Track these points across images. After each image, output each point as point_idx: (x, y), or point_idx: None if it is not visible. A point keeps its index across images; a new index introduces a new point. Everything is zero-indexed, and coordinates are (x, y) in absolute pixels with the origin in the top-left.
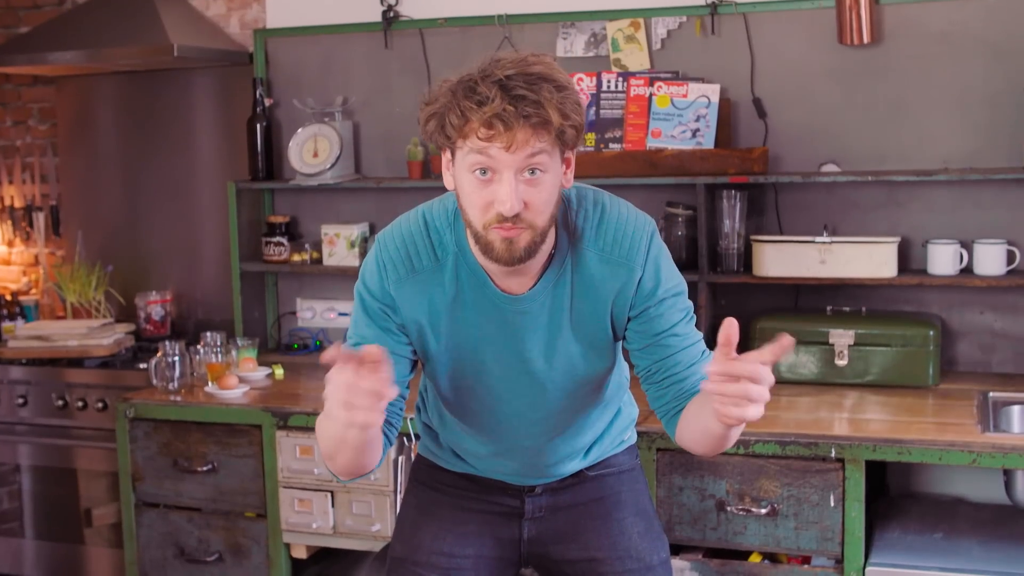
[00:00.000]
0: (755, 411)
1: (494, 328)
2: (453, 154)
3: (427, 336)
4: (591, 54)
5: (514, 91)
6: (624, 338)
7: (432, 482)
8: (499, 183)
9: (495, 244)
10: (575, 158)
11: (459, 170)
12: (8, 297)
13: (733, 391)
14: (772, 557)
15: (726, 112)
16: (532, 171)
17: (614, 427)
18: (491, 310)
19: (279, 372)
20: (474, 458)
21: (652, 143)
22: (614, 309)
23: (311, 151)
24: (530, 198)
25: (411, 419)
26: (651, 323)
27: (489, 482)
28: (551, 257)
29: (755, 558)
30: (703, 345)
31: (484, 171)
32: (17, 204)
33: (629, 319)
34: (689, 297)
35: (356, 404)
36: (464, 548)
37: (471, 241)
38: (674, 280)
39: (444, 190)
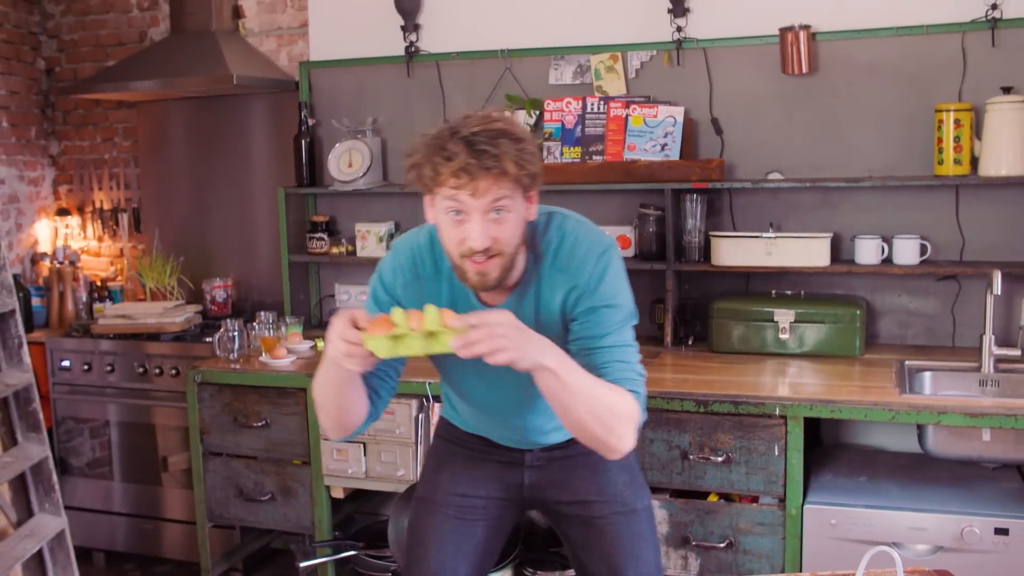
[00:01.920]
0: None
1: None
2: (432, 197)
3: None
4: (578, 82)
5: (477, 146)
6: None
7: (451, 437)
8: (469, 223)
9: (469, 274)
10: (537, 195)
11: (437, 211)
12: (98, 283)
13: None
14: (727, 497)
15: (689, 130)
16: (497, 211)
17: None
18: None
19: (320, 344)
20: (477, 425)
21: (628, 155)
22: (563, 313)
23: (346, 162)
24: (497, 234)
25: (429, 384)
26: (585, 327)
27: (495, 441)
28: (521, 276)
29: (712, 498)
30: (631, 360)
31: (457, 212)
32: (105, 207)
33: (569, 320)
34: (658, 283)
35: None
36: (476, 490)
37: (455, 271)
38: (614, 292)
39: None
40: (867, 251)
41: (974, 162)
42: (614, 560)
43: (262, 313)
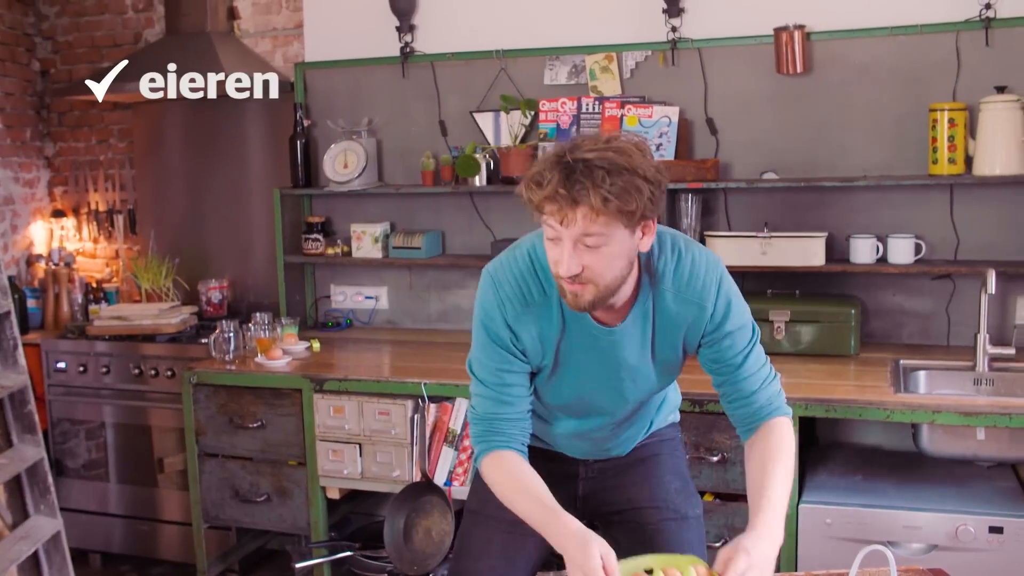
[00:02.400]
0: None
1: (594, 352)
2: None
3: (540, 355)
4: (573, 82)
5: (572, 176)
6: (697, 357)
7: None
8: (561, 248)
9: (566, 295)
10: (654, 225)
11: (543, 230)
12: (94, 284)
13: None
14: (723, 496)
15: (684, 129)
16: (589, 241)
17: (663, 411)
18: (590, 338)
19: (316, 345)
20: (553, 439)
21: None
22: (686, 338)
23: (342, 163)
24: (589, 262)
25: (424, 384)
26: (720, 352)
27: (552, 453)
28: (637, 296)
29: (708, 497)
30: (767, 370)
31: (552, 237)
32: (101, 208)
33: (700, 345)
34: None
35: None
36: None
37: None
38: (741, 316)
39: (451, 196)
40: (862, 250)
41: (968, 161)
42: None
43: (258, 314)
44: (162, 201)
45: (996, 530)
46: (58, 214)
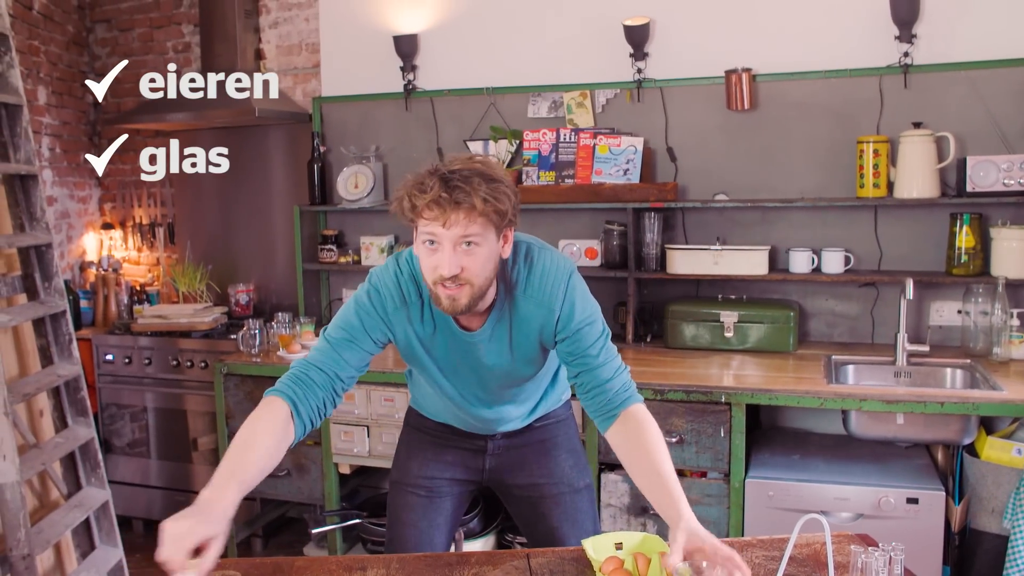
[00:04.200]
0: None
1: (460, 350)
2: (415, 229)
3: (415, 349)
4: (552, 115)
5: (451, 183)
6: (556, 351)
7: (419, 426)
8: (441, 252)
9: (441, 299)
10: (512, 233)
11: (417, 241)
12: (137, 288)
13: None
14: (680, 472)
15: (648, 157)
16: (467, 243)
17: (550, 394)
18: (455, 339)
19: None
20: (446, 416)
21: (595, 179)
22: (541, 335)
23: (353, 184)
24: (466, 263)
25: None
26: (573, 345)
27: (461, 430)
28: (495, 302)
29: None
30: (618, 361)
31: (432, 241)
32: (144, 221)
33: (556, 342)
34: (621, 289)
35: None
36: (442, 473)
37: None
38: (587, 312)
39: None
40: (799, 261)
41: (890, 186)
42: (559, 532)
43: (279, 314)
44: (197, 216)
45: (912, 501)
46: (107, 227)
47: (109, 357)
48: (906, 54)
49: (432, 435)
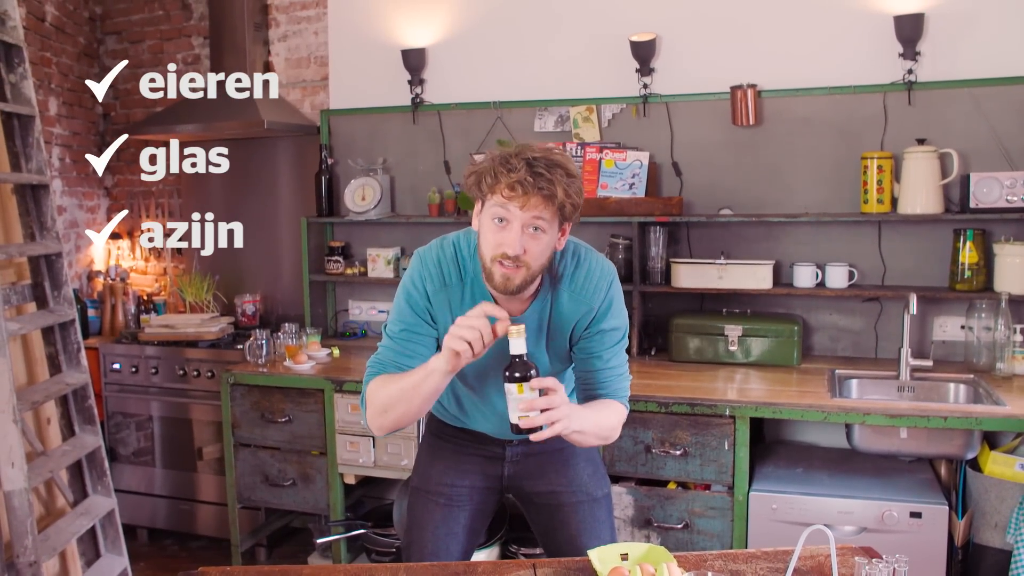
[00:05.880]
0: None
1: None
2: (483, 204)
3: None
4: (559, 130)
5: (536, 168)
6: (574, 350)
7: (440, 433)
8: (509, 231)
9: (496, 276)
10: (570, 228)
11: (484, 216)
12: (145, 297)
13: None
14: (684, 485)
15: (653, 171)
16: (535, 228)
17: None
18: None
19: (336, 352)
20: (468, 418)
21: (602, 193)
22: (573, 332)
23: (360, 196)
24: (529, 247)
25: None
26: (591, 343)
27: (479, 435)
28: (538, 292)
29: (672, 486)
30: (624, 368)
31: (501, 220)
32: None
33: (580, 337)
34: (626, 302)
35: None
36: (462, 480)
37: (483, 272)
38: (619, 318)
39: (454, 225)
40: (803, 276)
41: (894, 202)
42: (577, 540)
43: (286, 324)
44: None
45: (916, 515)
46: (115, 236)
47: (116, 366)
48: (910, 71)
49: (451, 442)
